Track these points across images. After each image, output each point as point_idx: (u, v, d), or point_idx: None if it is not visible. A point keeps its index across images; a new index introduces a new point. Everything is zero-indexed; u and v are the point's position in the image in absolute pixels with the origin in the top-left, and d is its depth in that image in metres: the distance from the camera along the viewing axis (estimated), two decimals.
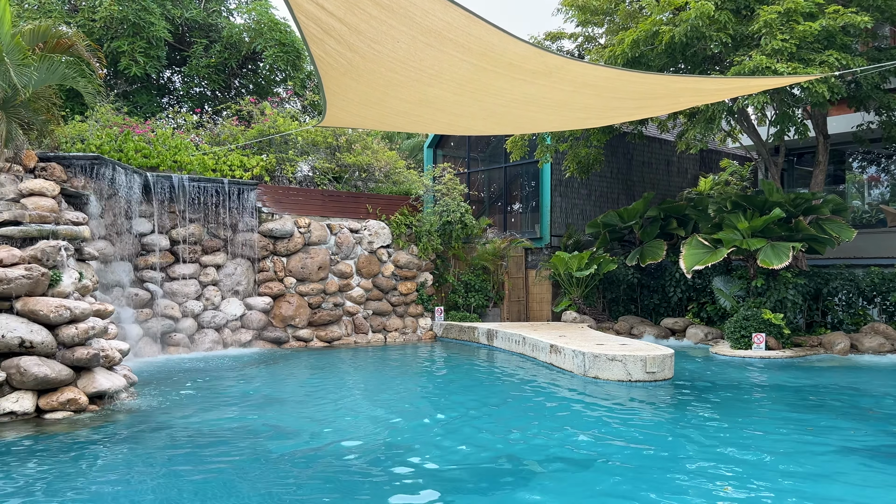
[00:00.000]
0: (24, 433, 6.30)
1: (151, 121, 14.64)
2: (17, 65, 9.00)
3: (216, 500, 4.47)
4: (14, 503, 4.44)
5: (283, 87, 20.14)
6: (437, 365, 11.50)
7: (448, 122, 7.42)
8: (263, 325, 13.20)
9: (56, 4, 17.18)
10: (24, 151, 9.32)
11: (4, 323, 7.00)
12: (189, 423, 6.75)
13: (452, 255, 15.74)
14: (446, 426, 6.73)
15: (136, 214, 11.84)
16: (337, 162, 15.30)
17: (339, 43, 4.49)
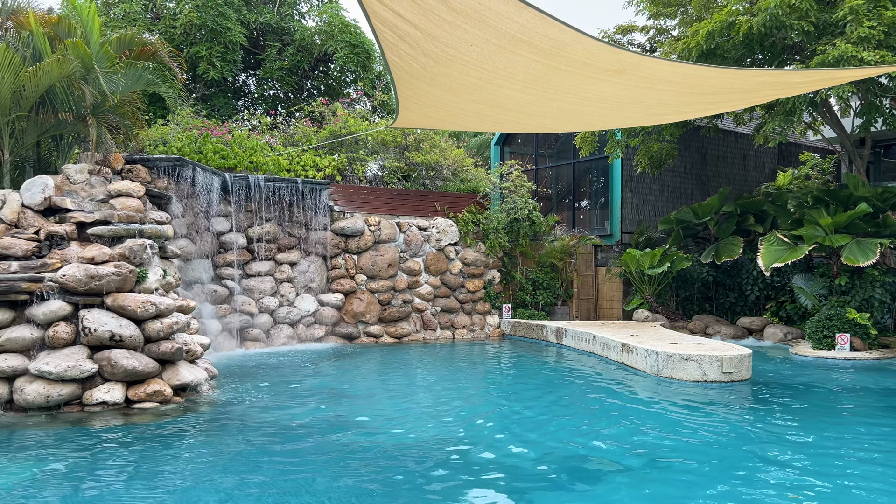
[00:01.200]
0: (114, 422, 6.65)
1: (228, 123, 15.16)
2: (105, 72, 9.50)
3: (290, 492, 4.62)
4: (107, 487, 4.71)
5: (353, 88, 20.49)
6: (506, 362, 11.50)
7: (518, 120, 7.41)
8: (335, 321, 13.50)
9: (140, 13, 17.98)
10: (112, 154, 9.81)
11: (96, 317, 7.40)
12: (266, 416, 6.99)
13: (520, 253, 15.68)
14: (517, 423, 6.74)
15: (214, 214, 12.29)
16: (406, 161, 15.47)
17: (414, 48, 4.56)
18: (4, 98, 8.79)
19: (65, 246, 8.09)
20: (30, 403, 6.92)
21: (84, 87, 9.24)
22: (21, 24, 9.76)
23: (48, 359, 7.05)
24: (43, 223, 8.23)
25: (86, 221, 8.36)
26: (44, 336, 7.29)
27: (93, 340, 7.30)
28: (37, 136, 9.64)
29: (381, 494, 4.61)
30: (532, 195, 15.95)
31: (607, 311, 15.94)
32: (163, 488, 4.73)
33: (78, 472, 5.04)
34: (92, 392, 7.14)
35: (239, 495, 4.55)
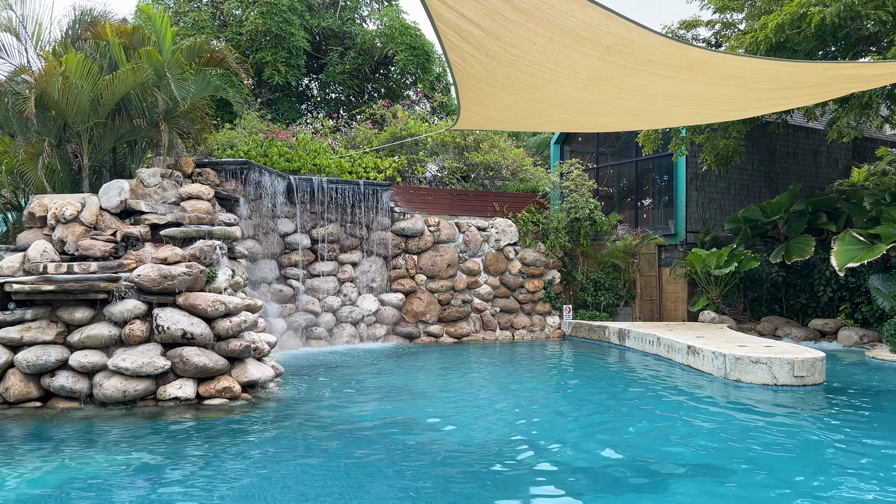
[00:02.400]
0: (186, 417, 6.88)
1: (292, 126, 15.50)
2: (176, 79, 9.84)
3: (354, 489, 4.69)
4: (180, 479, 4.88)
5: (413, 90, 20.67)
6: (567, 363, 11.39)
7: (581, 120, 7.33)
8: (396, 320, 13.64)
9: (208, 21, 18.57)
10: (183, 158, 10.17)
11: (169, 316, 7.68)
12: (330, 413, 7.11)
13: (581, 253, 15.51)
14: (578, 425, 6.67)
15: (280, 215, 12.60)
16: (465, 161, 15.51)
17: (477, 49, 4.56)
18: (84, 106, 9.21)
19: (139, 247, 8.42)
20: (108, 398, 7.24)
21: (157, 93, 9.59)
22: (98, 35, 10.20)
23: (125, 355, 7.36)
24: (119, 225, 8.59)
25: (159, 223, 8.68)
26: (120, 333, 7.60)
27: (166, 338, 7.58)
28: (113, 142, 10.06)
29: (440, 493, 4.63)
30: (593, 194, 15.76)
31: (671, 313, 15.61)
32: (231, 481, 4.88)
33: (153, 465, 5.25)
34: (165, 388, 7.41)
35: (304, 491, 4.65)
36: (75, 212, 8.37)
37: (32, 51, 10.32)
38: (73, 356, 7.39)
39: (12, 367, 7.40)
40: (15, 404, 7.33)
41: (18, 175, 9.58)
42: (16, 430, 6.45)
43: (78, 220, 8.37)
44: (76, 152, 9.75)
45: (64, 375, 7.36)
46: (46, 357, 7.31)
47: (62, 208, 8.34)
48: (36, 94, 8.91)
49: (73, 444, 5.91)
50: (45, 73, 8.99)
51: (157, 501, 4.44)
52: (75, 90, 8.99)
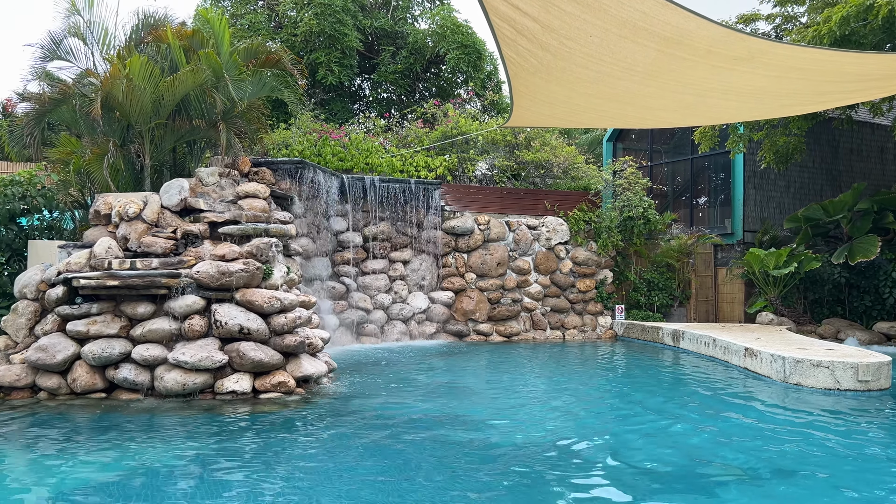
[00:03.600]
0: (242, 411, 7.03)
1: (345, 126, 15.69)
2: (234, 80, 10.07)
3: (407, 485, 4.71)
4: (237, 470, 4.99)
5: (464, 89, 20.68)
6: (619, 364, 11.22)
7: (637, 115, 7.20)
8: (446, 318, 13.67)
9: (264, 23, 18.96)
10: (240, 158, 10.40)
11: (227, 311, 7.87)
12: (382, 409, 7.17)
13: (634, 252, 15.26)
14: (632, 426, 6.56)
15: (333, 213, 12.77)
16: (515, 159, 15.44)
17: (532, 42, 4.53)
18: (146, 107, 9.50)
19: (198, 244, 8.65)
20: (168, 390, 7.45)
21: (215, 94, 9.83)
22: (160, 38, 10.51)
23: (184, 349, 7.56)
24: (179, 223, 8.83)
25: (217, 221, 8.90)
26: (180, 328, 7.82)
27: (223, 333, 7.76)
28: (173, 142, 10.36)
29: (491, 491, 4.62)
30: (647, 192, 15.50)
31: (727, 314, 15.22)
32: (284, 473, 4.96)
33: (210, 456, 5.38)
34: (223, 382, 7.59)
35: (355, 485, 4.70)
36: (138, 210, 8.64)
37: (98, 54, 10.70)
38: (135, 349, 7.64)
39: (79, 359, 7.69)
40: (81, 395, 7.62)
41: (85, 174, 9.94)
42: (82, 420, 6.70)
43: (140, 218, 8.64)
44: (139, 152, 10.07)
45: (127, 368, 7.62)
46: (111, 350, 7.58)
47: (126, 206, 8.63)
48: (102, 95, 9.23)
49: (135, 434, 6.10)
50: (110, 76, 9.32)
51: (213, 492, 4.54)
52: (138, 92, 9.28)
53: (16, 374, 7.63)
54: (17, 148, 10.61)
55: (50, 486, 4.68)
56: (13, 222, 9.50)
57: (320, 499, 4.40)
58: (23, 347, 7.99)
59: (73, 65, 10.90)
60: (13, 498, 4.47)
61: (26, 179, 9.81)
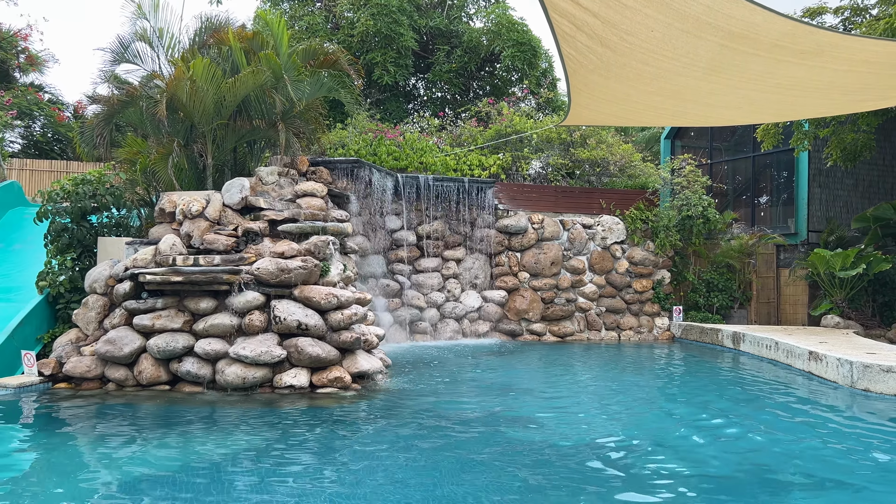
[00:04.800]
0: (299, 405, 7.17)
1: (400, 126, 15.81)
2: (293, 80, 10.26)
3: (458, 481, 4.72)
4: (295, 463, 5.09)
5: (518, 87, 20.59)
6: (676, 366, 10.99)
7: (698, 113, 7.03)
8: (499, 317, 13.63)
9: (321, 25, 19.26)
10: (298, 157, 10.59)
11: (285, 307, 8.03)
12: (436, 406, 7.20)
13: (692, 252, 14.93)
14: (692, 430, 6.42)
15: (387, 212, 12.88)
16: (570, 158, 15.28)
17: (591, 38, 4.47)
18: (208, 108, 9.77)
19: (258, 241, 8.85)
20: (229, 384, 7.65)
21: (274, 95, 10.04)
22: (222, 41, 10.79)
23: (244, 344, 7.75)
24: (240, 221, 9.05)
25: (276, 219, 9.09)
26: (240, 323, 8.02)
27: (282, 328, 7.93)
28: (234, 142, 10.62)
29: (543, 491, 4.58)
30: (706, 191, 15.13)
31: (790, 316, 14.74)
32: (340, 467, 5.03)
33: (269, 448, 5.50)
34: (281, 376, 7.75)
35: (410, 482, 4.73)
36: (201, 208, 8.89)
37: (164, 57, 11.05)
38: (198, 343, 7.87)
39: (145, 352, 7.97)
40: (147, 387, 7.90)
41: (151, 173, 10.29)
42: (148, 412, 6.94)
43: (203, 215, 8.89)
44: (201, 152, 10.37)
45: (190, 361, 7.85)
46: (174, 344, 7.82)
47: (189, 205, 8.89)
48: (167, 97, 9.54)
49: (197, 426, 6.29)
50: (174, 78, 9.62)
51: (271, 483, 4.64)
52: (201, 93, 9.55)
53: (86, 365, 7.95)
54: (88, 148, 11.06)
55: (117, 474, 4.86)
56: (84, 220, 9.90)
57: (376, 492, 4.45)
58: (92, 340, 8.33)
59: (139, 68, 11.29)
60: (83, 486, 4.66)
61: (96, 178, 10.20)
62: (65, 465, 5.13)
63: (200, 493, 4.40)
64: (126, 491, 4.49)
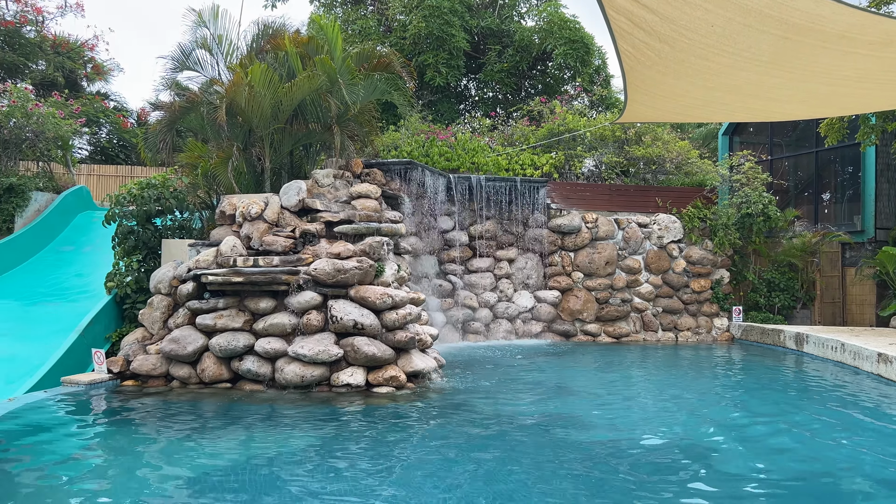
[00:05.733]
0: (356, 403, 7.27)
1: (451, 126, 15.86)
2: (347, 84, 10.40)
3: (512, 481, 4.71)
4: (352, 459, 5.16)
5: (571, 85, 20.41)
6: (736, 368, 10.72)
7: (761, 108, 6.84)
8: (552, 317, 13.54)
9: (374, 28, 19.48)
10: (352, 160, 10.74)
11: (342, 307, 8.15)
12: (489, 406, 7.20)
13: (753, 251, 14.53)
14: (748, 434, 6.26)
15: (440, 213, 12.94)
16: (625, 155, 15.06)
17: (649, 35, 4.41)
18: (266, 112, 9.99)
19: (315, 242, 9.01)
20: (288, 382, 7.82)
21: (330, 98, 10.20)
22: (278, 46, 11.02)
23: (302, 343, 7.91)
24: (297, 222, 9.23)
25: (332, 221, 9.24)
26: (298, 323, 8.18)
27: (339, 328, 8.05)
28: (291, 146, 10.83)
29: (596, 490, 4.54)
30: (766, 188, 14.71)
31: (857, 317, 14.20)
32: (395, 464, 5.09)
33: (327, 445, 5.60)
34: (338, 375, 7.88)
35: (465, 479, 4.75)
36: (259, 210, 9.11)
37: (223, 63, 11.36)
38: (257, 342, 8.06)
39: (207, 351, 8.21)
40: (209, 384, 8.13)
41: (211, 177, 10.58)
42: (210, 408, 7.15)
43: (262, 217, 9.10)
44: (259, 155, 10.61)
45: (250, 360, 8.05)
46: (235, 343, 8.03)
47: (248, 207, 9.11)
48: (226, 102, 9.79)
49: (258, 422, 6.45)
50: (233, 84, 9.86)
51: (328, 478, 4.73)
52: (259, 98, 9.77)
53: (152, 363, 8.24)
54: (152, 153, 11.45)
55: (182, 469, 5.02)
56: (149, 222, 10.26)
57: (433, 490, 4.48)
58: (157, 339, 8.62)
59: (200, 74, 11.63)
60: (150, 480, 4.84)
61: (160, 183, 10.56)
62: (133, 459, 5.33)
63: (261, 490, 4.51)
64: (190, 484, 4.64)
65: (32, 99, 14.03)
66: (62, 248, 13.10)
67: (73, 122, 15.19)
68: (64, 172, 16.23)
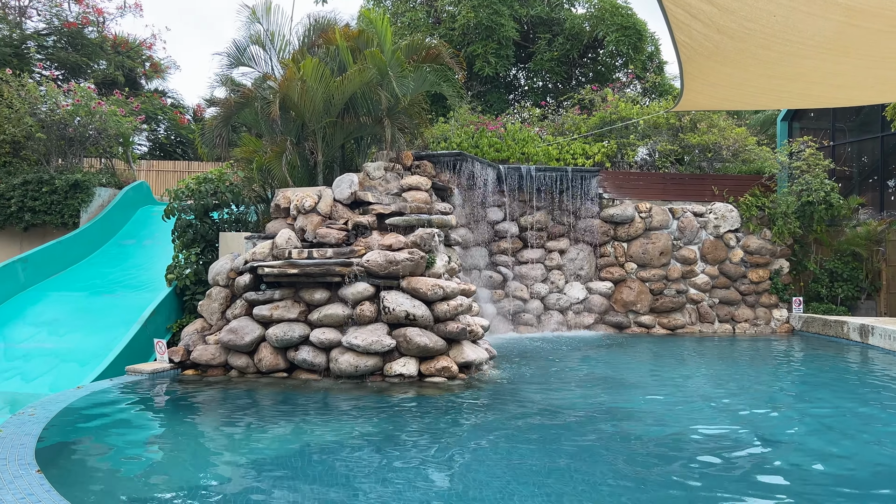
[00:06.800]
0: (409, 393, 7.35)
1: (501, 117, 15.79)
2: (397, 77, 10.45)
3: (565, 473, 4.70)
4: (405, 448, 5.23)
5: (623, 72, 20.07)
6: (796, 361, 10.43)
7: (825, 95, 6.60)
8: (605, 309, 13.40)
9: (423, 20, 19.50)
10: (402, 152, 10.80)
11: (394, 298, 8.24)
12: (541, 398, 7.19)
13: (814, 240, 14.08)
14: (810, 428, 6.09)
15: (490, 204, 12.93)
16: (679, 143, 14.75)
17: (707, 26, 4.30)
18: (318, 106, 10.13)
19: (367, 234, 9.12)
20: (342, 371, 7.95)
21: (380, 91, 10.27)
22: (329, 41, 11.14)
23: (356, 333, 8.03)
24: (350, 215, 9.35)
25: (384, 213, 9.33)
26: (352, 313, 8.31)
27: (391, 319, 8.15)
28: (342, 139, 10.96)
29: (651, 482, 4.49)
30: (828, 175, 14.21)
31: None
32: (447, 454, 5.13)
33: (384, 435, 5.68)
34: (391, 365, 7.98)
35: (518, 469, 4.76)
36: (313, 203, 9.26)
37: (275, 59, 11.54)
38: (312, 333, 8.22)
39: (264, 341, 8.41)
40: (266, 374, 8.33)
41: (266, 171, 10.79)
42: (268, 397, 7.33)
43: (315, 210, 9.25)
44: (311, 149, 10.77)
45: (305, 350, 8.22)
46: (291, 333, 8.21)
47: (302, 200, 9.27)
48: (279, 97, 9.96)
49: (313, 411, 6.59)
50: (286, 79, 10.02)
51: (383, 467, 4.80)
52: (311, 93, 9.91)
53: (211, 353, 8.48)
54: (208, 149, 11.73)
55: (240, 455, 5.17)
56: (207, 216, 10.54)
57: (486, 480, 4.51)
58: (216, 329, 8.87)
59: (253, 70, 11.85)
60: (209, 465, 5.00)
61: (217, 177, 10.83)
62: (194, 444, 5.52)
63: (317, 478, 4.61)
64: (248, 469, 4.78)
65: (95, 98, 14.53)
66: (124, 241, 13.57)
67: (133, 120, 15.69)
68: (125, 168, 16.80)
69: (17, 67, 15.62)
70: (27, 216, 13.33)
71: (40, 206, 13.32)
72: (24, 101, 13.60)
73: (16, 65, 15.83)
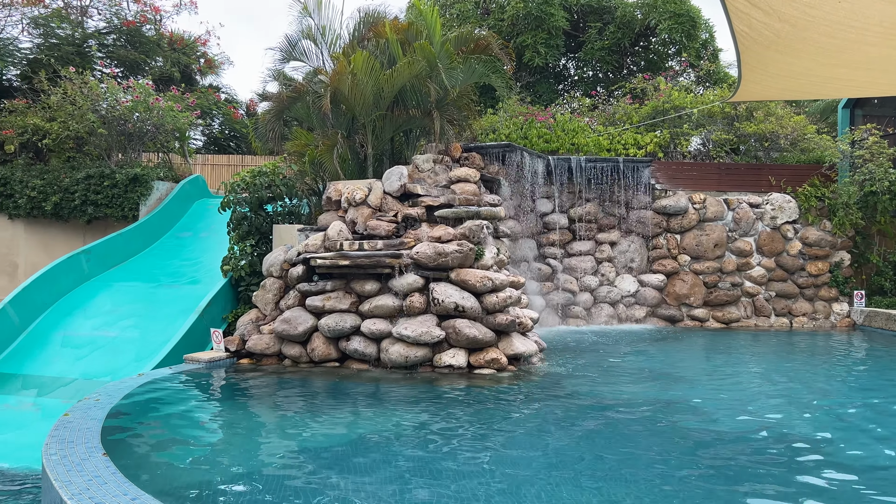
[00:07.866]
0: (458, 384, 7.39)
1: (550, 107, 15.65)
2: (446, 69, 10.46)
3: (616, 467, 4.66)
4: (454, 439, 5.27)
5: (676, 60, 19.64)
6: (857, 357, 10.09)
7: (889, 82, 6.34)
8: (657, 302, 13.19)
9: (472, 11, 19.43)
10: (451, 144, 10.82)
11: (443, 290, 8.28)
12: (591, 390, 7.14)
13: (877, 232, 13.57)
14: (871, 425, 5.89)
15: (538, 195, 12.84)
16: (735, 132, 14.37)
17: (767, 14, 4.17)
18: (368, 100, 10.22)
19: (416, 226, 9.18)
20: (392, 362, 8.04)
21: (429, 84, 10.30)
22: (378, 34, 11.21)
23: (406, 324, 8.10)
24: (399, 207, 9.42)
25: (433, 205, 9.38)
26: (402, 305, 8.39)
27: (440, 310, 8.20)
28: (392, 132, 11.03)
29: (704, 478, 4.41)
30: (893, 164, 13.66)
31: None
32: (496, 445, 5.14)
33: (434, 426, 5.73)
34: (441, 356, 8.03)
35: (568, 463, 4.74)
36: (363, 196, 9.36)
37: (326, 53, 11.69)
38: (363, 323, 8.33)
39: (316, 331, 8.56)
40: (318, 363, 8.49)
41: (318, 164, 10.96)
42: (320, 386, 7.47)
43: (366, 203, 9.36)
44: (362, 142, 10.88)
45: (357, 340, 8.34)
46: (343, 323, 8.34)
47: (353, 193, 9.39)
48: (330, 91, 10.09)
49: (365, 401, 6.69)
50: (336, 73, 10.14)
51: (434, 457, 4.84)
52: (361, 86, 10.00)
53: (265, 343, 8.68)
54: (261, 142, 11.99)
55: (293, 442, 5.30)
56: (261, 209, 10.77)
57: (537, 473, 4.51)
58: (270, 319, 9.07)
59: (305, 64, 12.02)
60: (265, 450, 5.13)
61: (271, 171, 11.04)
62: (250, 431, 5.67)
63: (368, 466, 4.68)
64: (301, 456, 4.89)
65: (153, 94, 14.96)
66: (181, 233, 13.96)
67: (189, 115, 16.09)
68: (182, 162, 17.26)
69: (80, 65, 16.18)
70: (90, 209, 13.82)
71: (102, 200, 13.80)
72: (86, 98, 14.09)
73: (78, 63, 16.39)
